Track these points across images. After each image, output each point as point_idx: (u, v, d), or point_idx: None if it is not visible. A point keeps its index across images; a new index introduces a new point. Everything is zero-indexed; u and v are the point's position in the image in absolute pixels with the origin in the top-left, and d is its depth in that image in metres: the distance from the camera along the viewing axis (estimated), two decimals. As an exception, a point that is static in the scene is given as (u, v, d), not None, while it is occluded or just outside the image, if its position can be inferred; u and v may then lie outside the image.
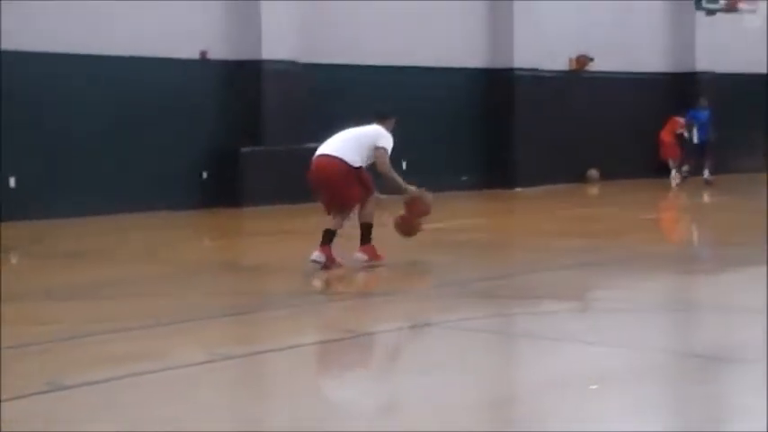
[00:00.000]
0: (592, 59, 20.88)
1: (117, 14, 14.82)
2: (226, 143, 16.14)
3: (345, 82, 17.48)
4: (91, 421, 4.48)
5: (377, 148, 8.95)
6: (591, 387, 5.03)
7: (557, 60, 20.33)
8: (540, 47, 19.68)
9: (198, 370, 5.47)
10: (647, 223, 13.99)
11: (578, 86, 20.65)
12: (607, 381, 5.15)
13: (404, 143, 18.39)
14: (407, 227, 9.48)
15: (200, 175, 15.99)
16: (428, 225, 13.88)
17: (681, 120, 21.83)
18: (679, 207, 17.73)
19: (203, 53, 16.05)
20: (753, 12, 19.87)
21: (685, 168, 21.16)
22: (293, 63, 16.57)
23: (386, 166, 9.01)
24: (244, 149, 16.14)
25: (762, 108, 23.86)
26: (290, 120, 16.44)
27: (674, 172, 21.87)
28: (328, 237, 8.86)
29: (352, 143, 8.97)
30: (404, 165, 18.65)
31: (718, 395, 4.98)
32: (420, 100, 18.56)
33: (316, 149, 9.16)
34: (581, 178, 20.48)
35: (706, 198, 17.75)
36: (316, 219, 14.62)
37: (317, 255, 8.78)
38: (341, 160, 8.87)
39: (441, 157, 18.91)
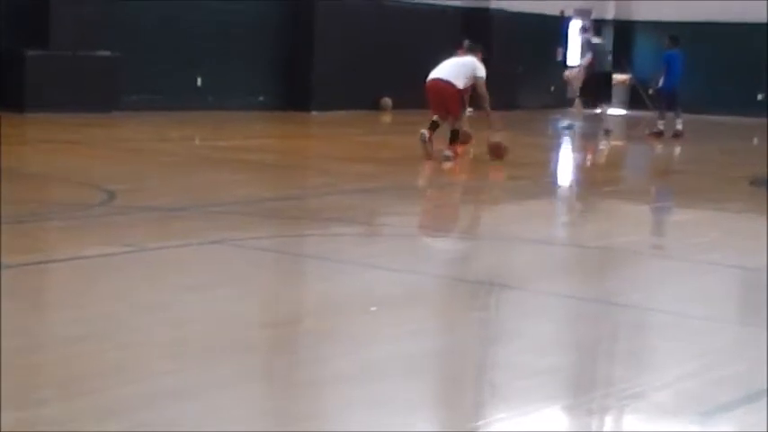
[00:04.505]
0: (394, -13, 21.00)
1: None
2: (10, 44, 15.31)
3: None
4: None
5: (477, 78, 11.83)
6: (371, 309, 5.16)
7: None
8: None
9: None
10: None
11: (378, 14, 20.74)
12: (387, 303, 5.29)
13: (200, 60, 18.24)
14: (497, 151, 12.01)
15: (-20, 76, 15.17)
16: (221, 143, 13.77)
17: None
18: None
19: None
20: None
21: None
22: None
23: (485, 92, 11.87)
24: (30, 53, 15.38)
25: (550, 47, 24.78)
26: (80, 25, 15.72)
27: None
28: (452, 135, 11.99)
29: (458, 70, 11.87)
30: (199, 81, 18.33)
31: (490, 319, 5.22)
32: (218, 14, 18.19)
33: (107, 57, 9.05)
34: (375, 105, 20.68)
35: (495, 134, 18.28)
36: (101, 130, 14.26)
37: (424, 133, 11.93)
38: (452, 84, 11.77)
39: (238, 76, 18.65)
